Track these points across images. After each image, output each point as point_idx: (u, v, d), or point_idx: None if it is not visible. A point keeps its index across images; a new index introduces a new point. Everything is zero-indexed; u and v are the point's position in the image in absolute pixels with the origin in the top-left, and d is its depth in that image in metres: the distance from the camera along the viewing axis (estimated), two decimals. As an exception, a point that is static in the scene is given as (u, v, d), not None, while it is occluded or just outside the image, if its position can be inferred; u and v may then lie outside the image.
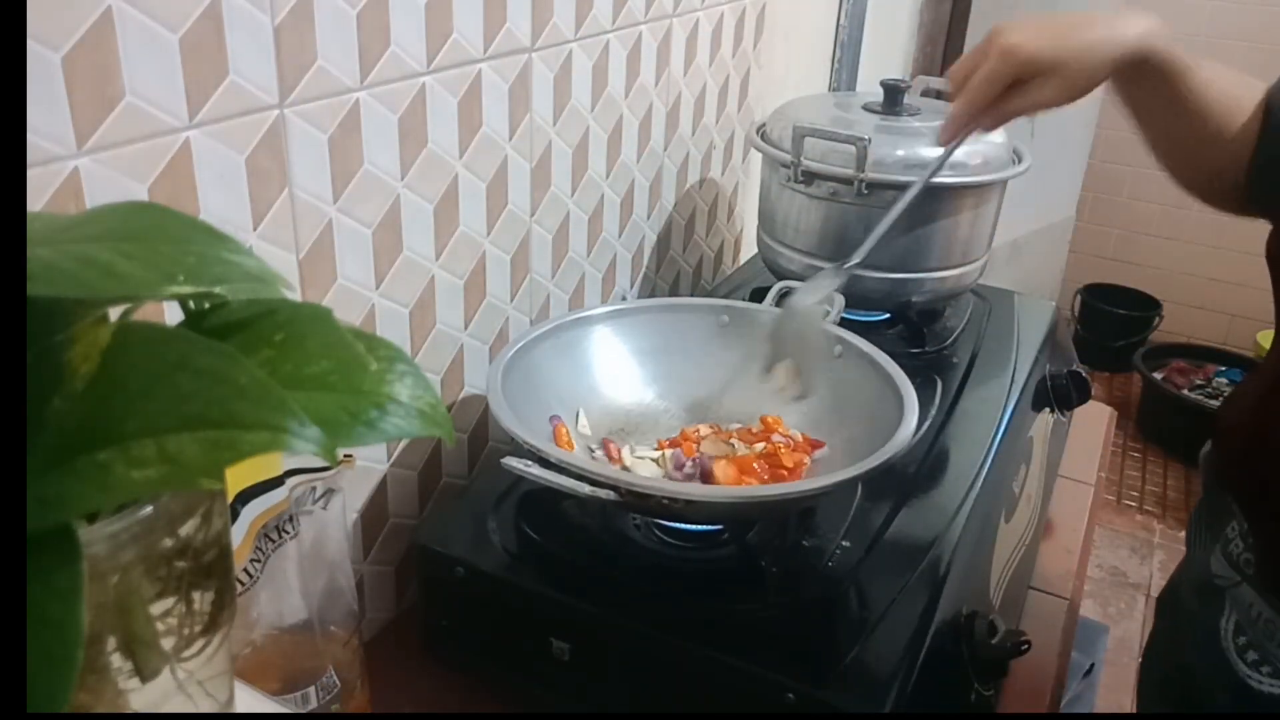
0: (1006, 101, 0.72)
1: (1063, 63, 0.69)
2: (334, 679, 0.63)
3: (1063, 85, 0.70)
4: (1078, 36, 0.69)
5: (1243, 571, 0.71)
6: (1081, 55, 0.69)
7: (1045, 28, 0.70)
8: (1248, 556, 0.71)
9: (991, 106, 0.73)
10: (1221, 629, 0.73)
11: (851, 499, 0.74)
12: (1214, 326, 3.07)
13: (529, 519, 0.73)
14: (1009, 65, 0.70)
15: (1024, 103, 0.72)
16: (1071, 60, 0.69)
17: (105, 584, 0.27)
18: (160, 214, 0.30)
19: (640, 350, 0.85)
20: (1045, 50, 0.69)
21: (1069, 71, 0.69)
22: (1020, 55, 0.69)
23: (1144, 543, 2.36)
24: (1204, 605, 0.75)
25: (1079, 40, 0.69)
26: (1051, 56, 0.69)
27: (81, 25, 0.48)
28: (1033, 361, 0.98)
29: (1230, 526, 0.73)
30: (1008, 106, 0.72)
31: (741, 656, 0.61)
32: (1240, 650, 0.71)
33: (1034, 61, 0.69)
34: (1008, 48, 0.70)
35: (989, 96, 0.72)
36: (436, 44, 0.70)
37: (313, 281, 0.66)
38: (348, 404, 0.28)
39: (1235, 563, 0.72)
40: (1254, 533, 0.70)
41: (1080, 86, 0.70)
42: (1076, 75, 0.69)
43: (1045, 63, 0.69)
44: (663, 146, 1.06)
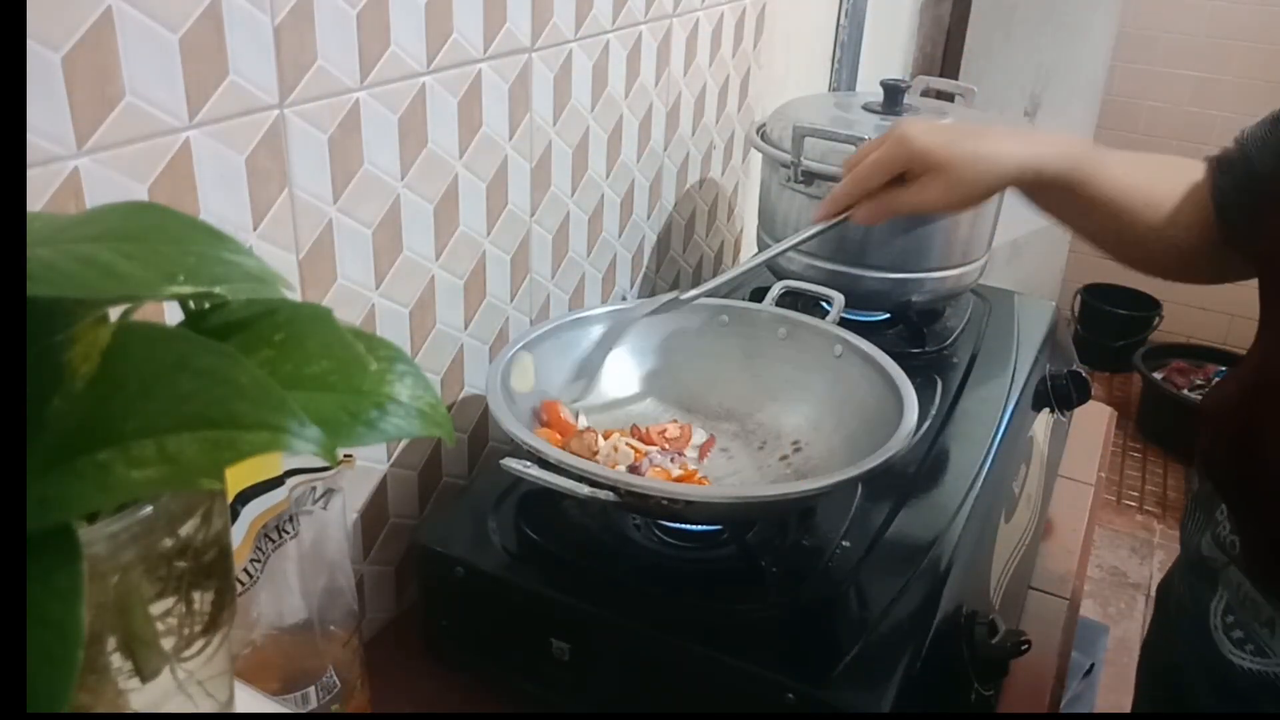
0: (891, 195, 0.73)
1: (949, 165, 0.70)
2: (334, 679, 0.63)
3: (947, 189, 0.70)
4: (969, 145, 0.70)
5: (1229, 553, 0.72)
6: (969, 164, 0.70)
7: (944, 130, 0.71)
8: (1233, 539, 0.72)
9: (875, 195, 0.73)
10: (1211, 609, 0.74)
11: (851, 499, 0.74)
12: (1214, 326, 3.07)
13: (529, 519, 0.73)
14: (898, 154, 0.71)
15: (907, 199, 0.72)
16: (958, 165, 0.70)
17: (105, 584, 0.27)
18: (160, 214, 0.30)
19: (640, 350, 0.85)
20: (934, 148, 0.70)
21: (954, 176, 0.70)
22: (911, 147, 0.70)
23: (1144, 543, 2.36)
24: (1195, 588, 0.76)
25: (969, 148, 0.70)
26: (940, 156, 0.70)
27: (81, 25, 0.48)
28: (1033, 361, 0.98)
29: (1219, 510, 0.74)
30: (891, 200, 0.73)
31: (741, 656, 0.61)
32: (1227, 629, 0.72)
33: (923, 156, 0.70)
34: (901, 137, 0.71)
35: (874, 182, 0.73)
36: (436, 44, 0.70)
37: (313, 281, 0.66)
38: (348, 404, 0.28)
39: (1223, 545, 0.73)
40: (1237, 518, 0.71)
41: (965, 194, 0.71)
42: (961, 182, 0.70)
43: (933, 161, 0.70)
44: (663, 146, 1.06)
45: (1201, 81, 2.96)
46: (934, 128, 0.72)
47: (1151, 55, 3.00)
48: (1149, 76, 3.01)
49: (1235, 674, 0.71)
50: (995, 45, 2.16)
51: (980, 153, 0.70)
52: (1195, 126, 2.96)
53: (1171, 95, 3.01)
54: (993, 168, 0.70)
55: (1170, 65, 2.99)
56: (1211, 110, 2.95)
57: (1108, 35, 2.48)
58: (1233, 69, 2.91)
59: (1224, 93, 2.93)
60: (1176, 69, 2.99)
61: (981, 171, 0.70)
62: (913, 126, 0.71)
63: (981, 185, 0.71)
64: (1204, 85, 2.96)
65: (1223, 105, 2.93)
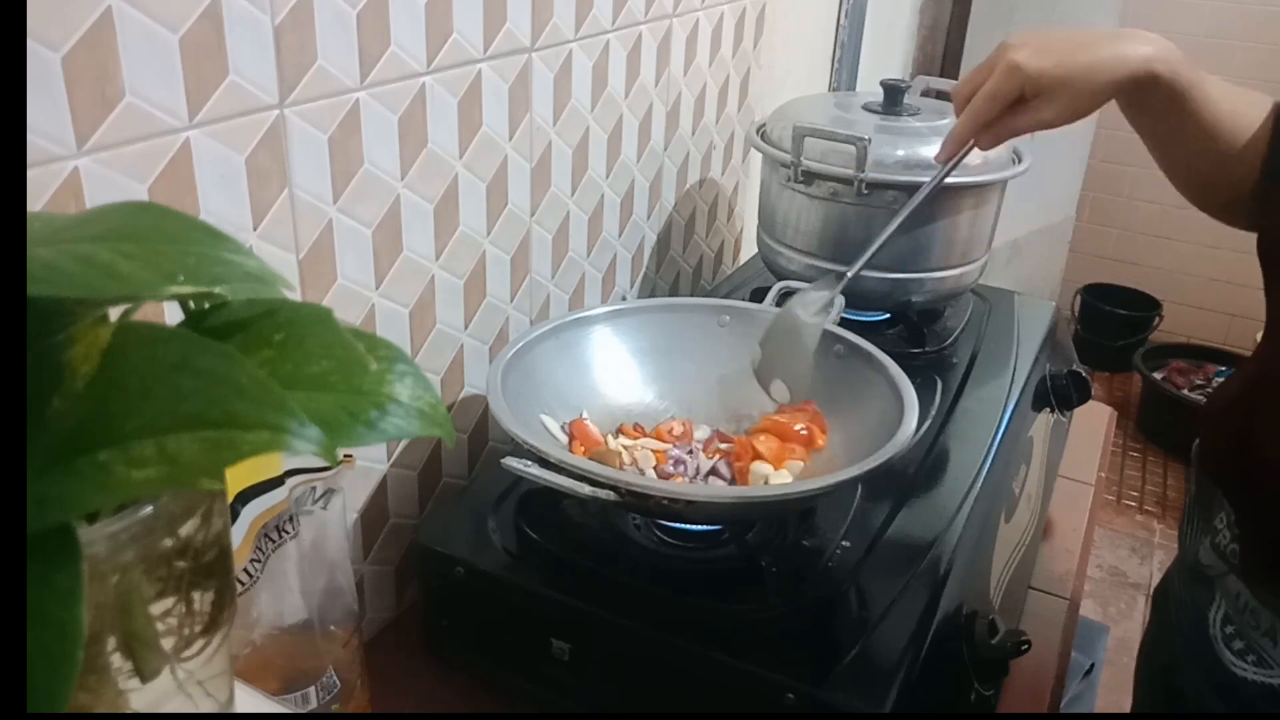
0: (1008, 119, 0.72)
1: (1065, 82, 0.69)
2: (334, 679, 0.63)
3: (1065, 105, 0.70)
4: (1082, 56, 0.69)
5: (1229, 562, 0.72)
6: (1085, 76, 0.69)
7: (1050, 46, 0.70)
8: (1234, 547, 0.71)
9: (993, 123, 0.73)
10: (1210, 618, 0.74)
11: (851, 499, 0.74)
12: (1214, 326, 3.07)
13: (529, 519, 0.73)
14: (1012, 83, 0.70)
15: (1025, 121, 0.72)
16: (1074, 80, 0.69)
17: (105, 584, 0.27)
18: (160, 214, 0.30)
19: (640, 350, 0.85)
20: (1048, 69, 0.69)
21: (1071, 92, 0.69)
22: (1024, 73, 0.69)
23: (1144, 543, 2.36)
24: (1194, 595, 0.76)
25: (1083, 60, 0.69)
26: (1055, 76, 0.69)
27: (81, 25, 0.48)
28: (1033, 361, 0.98)
29: (1219, 518, 0.74)
30: (1009, 124, 0.72)
31: (741, 656, 0.61)
32: (1227, 639, 0.72)
33: (1037, 80, 0.69)
34: (1011, 65, 0.70)
35: (991, 113, 0.72)
36: (436, 44, 0.70)
37: (313, 281, 0.66)
38: (348, 404, 0.28)
39: (1222, 553, 0.73)
40: (1239, 523, 0.71)
41: (1082, 107, 0.70)
42: (1079, 96, 0.69)
43: (1048, 82, 0.69)
44: (663, 146, 1.06)
45: (1201, 81, 2.96)
46: (1038, 47, 0.70)
47: (1151, 55, 2.99)
48: (1149, 76, 3.01)
49: (1237, 682, 0.71)
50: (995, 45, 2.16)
51: (1096, 60, 0.69)
52: (1195, 126, 2.95)
53: (1171, 95, 3.00)
54: (1108, 73, 0.69)
55: (1170, 65, 2.99)
56: (1211, 110, 2.94)
57: (1108, 35, 2.47)
58: (1233, 69, 2.91)
59: (1224, 93, 2.93)
60: (1176, 69, 2.98)
61: (1098, 80, 0.69)
62: (1018, 51, 0.70)
63: (1099, 95, 0.70)
64: (1204, 85, 2.96)
65: (1223, 105, 2.93)
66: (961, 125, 0.74)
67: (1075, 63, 0.69)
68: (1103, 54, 0.69)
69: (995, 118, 0.72)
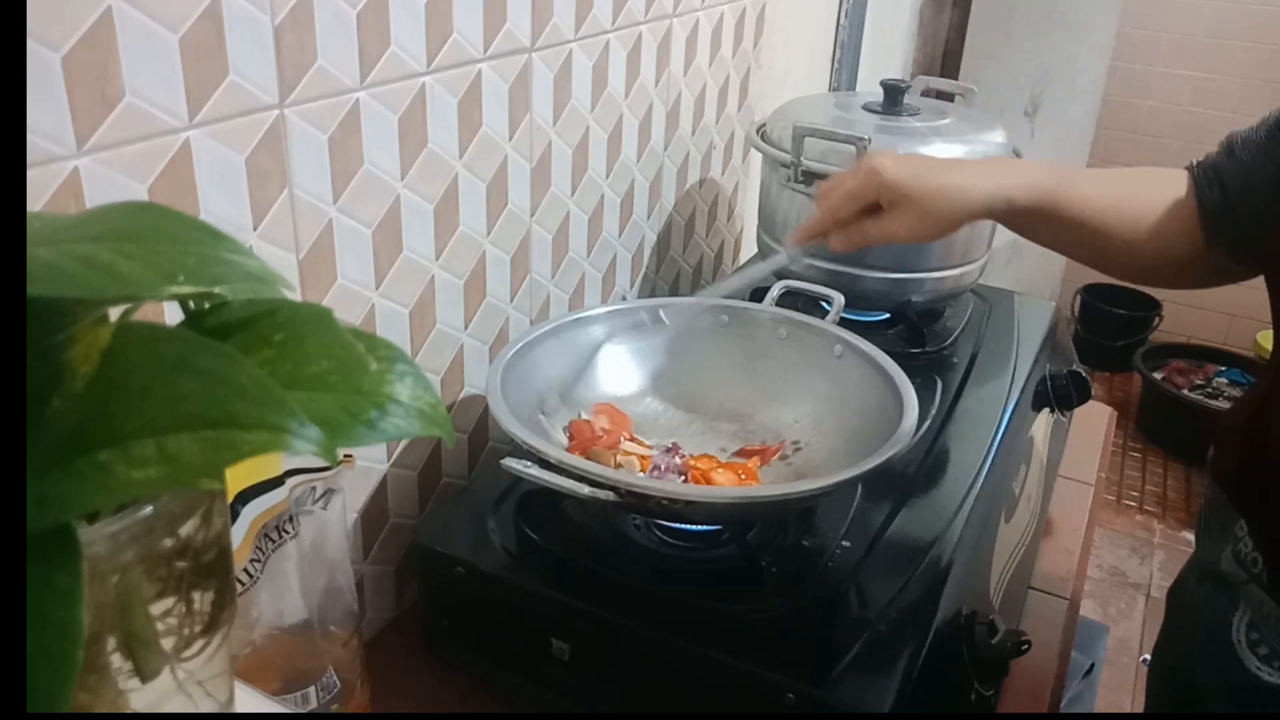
0: (862, 225, 0.74)
1: (918, 199, 0.71)
2: (334, 679, 0.63)
3: (916, 220, 0.72)
4: (937, 178, 0.71)
5: (1250, 570, 0.71)
6: (937, 197, 0.71)
7: (913, 163, 0.73)
8: (1254, 556, 0.71)
9: (848, 225, 0.75)
10: (1234, 624, 0.73)
11: (851, 499, 0.74)
12: (1214, 326, 3.07)
13: (529, 519, 0.73)
14: (868, 186, 0.72)
15: (876, 230, 0.73)
16: (927, 199, 0.71)
17: (105, 584, 0.27)
18: (160, 214, 0.30)
19: (640, 350, 0.85)
20: (903, 180, 0.71)
21: (923, 209, 0.71)
22: (880, 179, 0.72)
23: (1144, 543, 2.36)
24: (1215, 600, 0.76)
25: (937, 181, 0.71)
26: (909, 189, 0.71)
27: (81, 25, 0.48)
28: (1033, 361, 0.98)
29: (1239, 525, 0.73)
30: (861, 229, 0.74)
31: (741, 656, 0.61)
32: (1252, 645, 0.71)
33: (891, 188, 0.71)
34: (870, 169, 0.72)
35: (844, 213, 0.74)
36: (436, 44, 0.70)
37: (313, 281, 0.66)
38: (348, 404, 0.28)
39: (1244, 562, 0.72)
40: (1257, 535, 0.71)
41: (932, 226, 0.72)
42: (929, 214, 0.71)
43: (901, 193, 0.71)
44: (663, 146, 1.06)
45: (1201, 81, 2.96)
46: (904, 160, 0.73)
47: (1151, 55, 3.00)
48: (1149, 76, 3.01)
49: (1258, 685, 0.70)
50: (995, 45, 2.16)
51: (948, 185, 0.71)
52: (1195, 126, 2.96)
53: (1171, 95, 3.01)
54: (960, 200, 0.71)
55: (1170, 65, 2.99)
56: (1211, 110, 2.95)
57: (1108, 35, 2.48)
58: (1233, 69, 2.91)
59: (1224, 93, 2.93)
60: (1176, 69, 2.99)
61: (950, 203, 0.71)
62: (883, 158, 0.73)
63: (949, 217, 0.72)
64: (1204, 85, 2.96)
65: (1223, 105, 2.93)
66: (815, 218, 0.76)
67: (930, 181, 0.71)
68: (956, 179, 0.72)
69: (850, 218, 0.74)
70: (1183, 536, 2.38)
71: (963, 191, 0.71)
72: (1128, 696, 1.88)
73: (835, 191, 0.75)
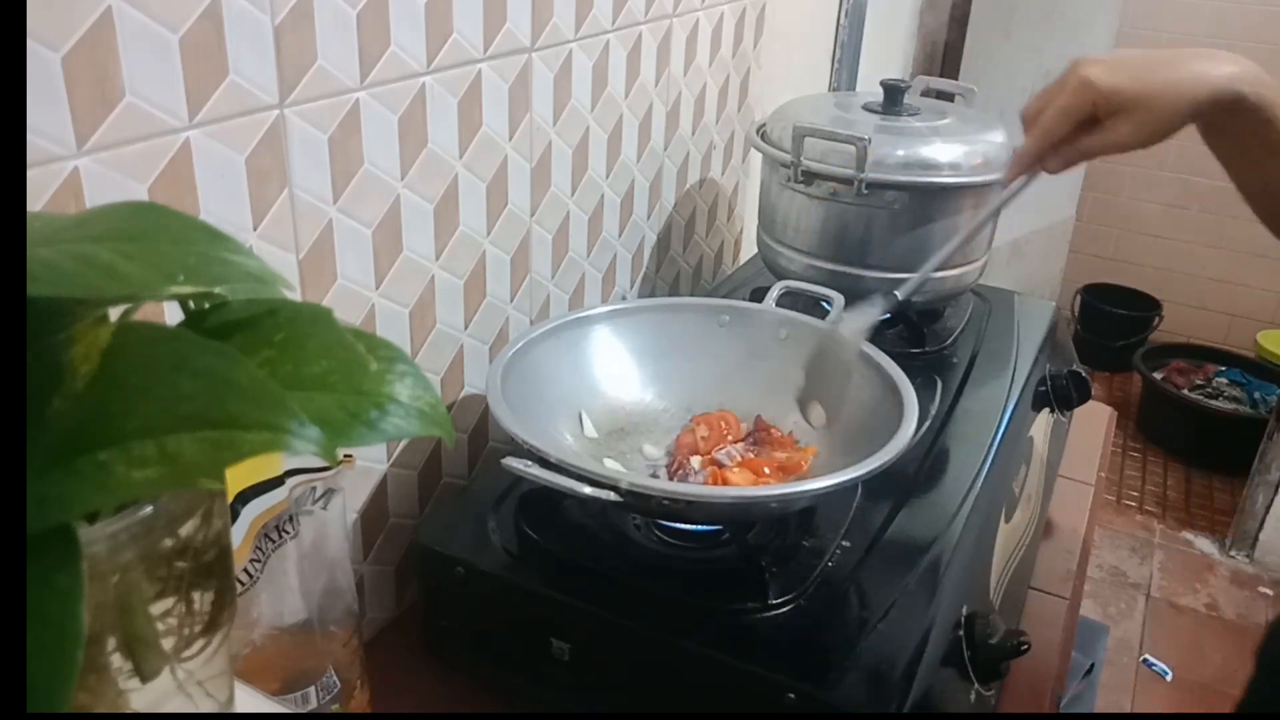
0: (1080, 140, 0.69)
1: (1141, 101, 0.65)
2: (334, 679, 0.63)
3: (1140, 125, 0.66)
4: (1160, 75, 0.66)
5: None
6: (1162, 94, 0.65)
7: (1126, 64, 0.67)
8: None
9: (1063, 144, 0.69)
10: None
11: (851, 499, 0.74)
12: (1214, 326, 3.07)
13: (529, 519, 0.73)
14: (1084, 99, 0.67)
15: (1098, 142, 0.68)
16: (1151, 99, 0.65)
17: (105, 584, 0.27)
18: (160, 214, 0.30)
19: (640, 350, 0.85)
20: (1124, 86, 0.66)
21: (1147, 111, 0.66)
22: (1096, 89, 0.66)
23: (1144, 543, 2.36)
24: None
25: (1161, 78, 0.66)
26: (1131, 93, 0.65)
27: (81, 25, 0.48)
28: (1033, 361, 0.98)
29: None
30: (1080, 146, 0.69)
31: (741, 656, 0.61)
32: None
33: (1111, 97, 0.66)
34: (1083, 80, 0.67)
35: (1061, 132, 0.69)
36: (436, 44, 0.70)
37: (313, 281, 0.66)
38: (348, 404, 0.28)
39: None
40: None
41: (1158, 128, 0.66)
42: (1155, 115, 0.66)
43: (1123, 99, 0.66)
44: (663, 146, 1.06)
45: (1201, 81, 2.96)
46: (1116, 64, 0.67)
47: (1151, 55, 2.99)
48: (1149, 76, 3.01)
49: None
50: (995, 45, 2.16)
51: (1173, 80, 0.65)
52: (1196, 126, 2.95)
53: (1171, 95, 3.00)
54: (1188, 93, 0.65)
55: (1170, 65, 2.99)
56: (1211, 110, 2.94)
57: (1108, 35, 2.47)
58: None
59: (1224, 93, 2.93)
60: (1176, 69, 2.98)
61: (1177, 100, 0.65)
62: (1092, 67, 0.67)
63: (1177, 116, 0.66)
64: (1204, 85, 2.96)
65: (1223, 105, 2.93)
66: (1030, 143, 0.71)
67: (1152, 80, 0.65)
68: (1182, 72, 0.66)
69: (1065, 137, 0.69)
70: (1182, 536, 2.38)
71: (1192, 83, 0.65)
72: (1128, 696, 1.88)
73: (1046, 110, 0.69)
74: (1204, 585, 2.22)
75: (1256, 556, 2.27)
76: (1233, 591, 2.20)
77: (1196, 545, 2.35)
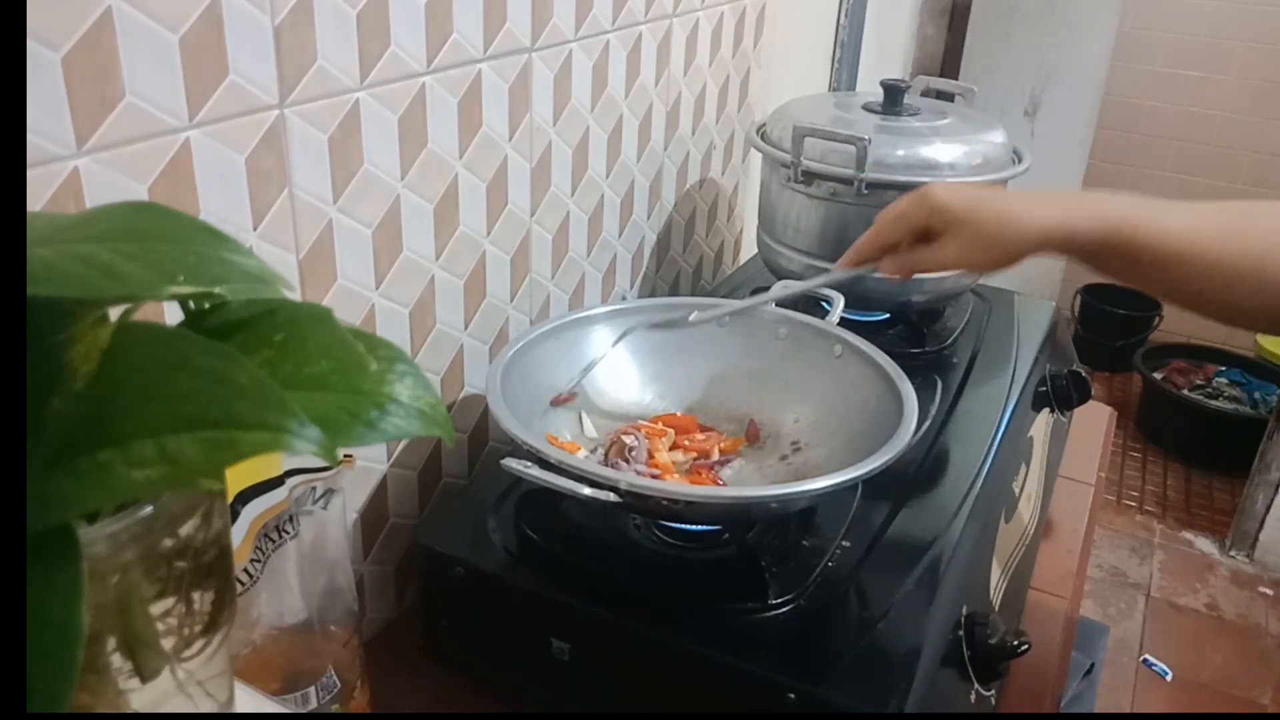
0: (912, 251, 0.71)
1: (969, 223, 0.67)
2: (334, 679, 0.63)
3: (966, 248, 0.68)
4: (991, 205, 0.67)
5: None
6: (991, 222, 0.67)
7: (969, 191, 0.69)
8: None
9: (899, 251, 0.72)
10: None
11: (851, 499, 0.74)
12: (1214, 326, 3.05)
13: (529, 519, 0.73)
14: (918, 212, 0.70)
15: (926, 256, 0.70)
16: (979, 223, 0.67)
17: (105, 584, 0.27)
18: (160, 214, 0.30)
19: (640, 350, 0.85)
20: (954, 205, 0.68)
21: (974, 235, 0.67)
22: (929, 203, 0.69)
23: (1144, 543, 2.36)
24: None
25: (991, 208, 0.67)
26: (959, 214, 0.67)
27: (81, 25, 0.48)
28: (1033, 361, 0.98)
29: None
30: (911, 256, 0.72)
31: (741, 656, 0.61)
32: None
33: (942, 212, 0.68)
34: (923, 194, 0.70)
35: (891, 236, 0.72)
36: (436, 44, 0.70)
37: (313, 281, 0.66)
38: (348, 404, 0.28)
39: None
40: None
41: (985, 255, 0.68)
42: (981, 242, 0.67)
43: (951, 217, 0.68)
44: (663, 146, 1.06)
45: (1201, 81, 2.96)
46: (959, 187, 0.70)
47: (1151, 55, 3.00)
48: (1149, 76, 3.01)
49: None
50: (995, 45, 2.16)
51: (1003, 212, 0.66)
52: (1195, 127, 2.96)
53: (1171, 95, 3.00)
54: (1014, 228, 0.66)
55: (1170, 65, 2.99)
56: (1211, 110, 2.95)
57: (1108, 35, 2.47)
58: (1233, 69, 2.91)
59: (1224, 93, 2.93)
60: (1176, 69, 2.99)
61: (1004, 232, 0.66)
62: (937, 186, 0.70)
63: (1003, 247, 0.67)
64: (1204, 85, 2.96)
65: (1223, 105, 2.93)
66: (862, 240, 0.74)
67: (985, 207, 0.67)
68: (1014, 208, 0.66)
69: (898, 243, 0.72)
70: (1182, 536, 2.38)
71: (1018, 220, 0.66)
72: (1128, 696, 1.88)
73: (885, 214, 0.72)
74: (1204, 585, 2.22)
75: (1256, 556, 2.27)
76: (1233, 591, 2.20)
77: (1196, 545, 2.35)
